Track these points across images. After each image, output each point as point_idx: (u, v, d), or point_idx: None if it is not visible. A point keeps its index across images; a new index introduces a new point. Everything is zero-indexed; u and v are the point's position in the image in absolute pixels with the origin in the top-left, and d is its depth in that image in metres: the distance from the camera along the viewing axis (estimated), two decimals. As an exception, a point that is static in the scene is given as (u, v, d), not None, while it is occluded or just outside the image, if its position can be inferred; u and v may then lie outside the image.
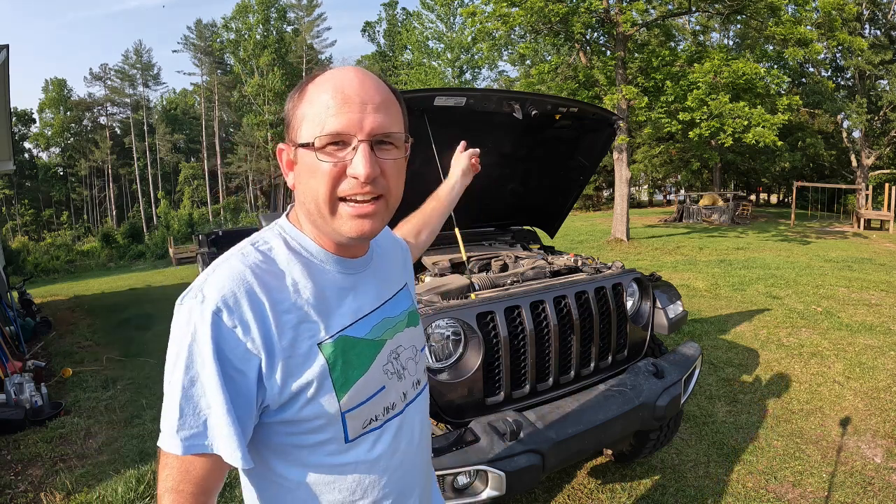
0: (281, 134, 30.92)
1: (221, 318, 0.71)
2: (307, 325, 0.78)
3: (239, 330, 0.72)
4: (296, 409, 0.77)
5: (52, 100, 47.62)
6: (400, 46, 39.27)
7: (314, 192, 0.77)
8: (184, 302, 0.74)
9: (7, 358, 4.94)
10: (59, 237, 37.95)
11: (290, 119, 0.80)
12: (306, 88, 0.79)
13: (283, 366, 0.75)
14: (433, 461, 1.69)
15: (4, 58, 7.08)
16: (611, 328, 2.37)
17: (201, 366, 0.71)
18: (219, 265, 0.77)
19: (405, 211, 3.05)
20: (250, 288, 0.74)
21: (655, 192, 39.47)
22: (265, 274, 0.77)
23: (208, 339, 0.71)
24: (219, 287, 0.73)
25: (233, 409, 0.72)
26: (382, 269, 0.95)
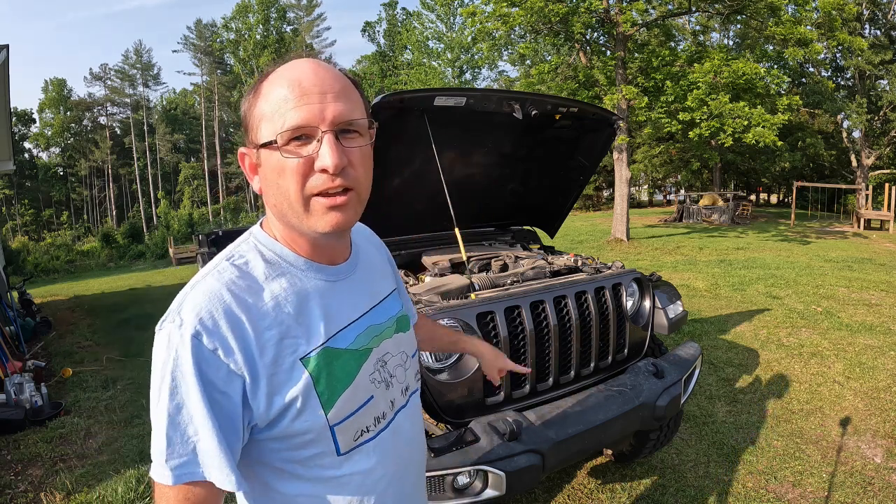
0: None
1: (201, 342, 0.69)
2: (289, 340, 0.75)
3: (220, 352, 0.70)
4: (284, 426, 0.75)
5: (52, 100, 47.62)
6: (400, 46, 39.25)
7: (285, 193, 0.74)
8: (163, 327, 0.72)
9: (7, 358, 4.94)
10: (59, 237, 37.96)
11: (248, 120, 0.77)
12: (261, 86, 0.76)
13: (268, 384, 0.73)
14: (433, 461, 1.69)
15: (4, 58, 7.08)
16: (610, 328, 2.37)
17: (185, 392, 0.69)
18: (195, 285, 0.75)
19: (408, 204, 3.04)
20: (228, 307, 0.72)
21: (655, 192, 39.46)
22: (243, 291, 0.74)
23: (190, 364, 0.68)
24: (196, 309, 0.71)
25: (221, 433, 0.70)
26: (367, 275, 0.92)
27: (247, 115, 0.77)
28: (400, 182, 2.83)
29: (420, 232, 3.24)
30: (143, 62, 48.87)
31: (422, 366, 1.90)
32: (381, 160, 2.57)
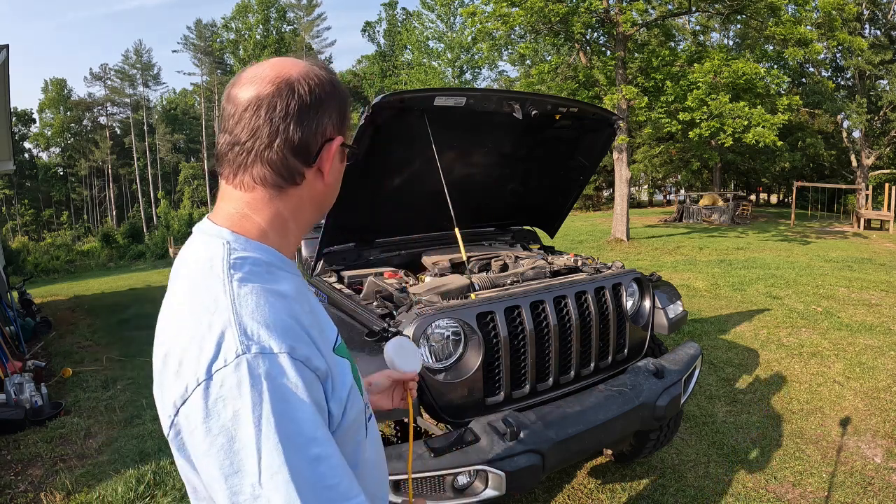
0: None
1: (296, 357, 0.61)
2: (322, 335, 0.72)
3: (309, 360, 0.63)
4: (347, 420, 0.71)
5: (52, 100, 47.63)
6: (400, 46, 39.25)
7: (334, 194, 0.79)
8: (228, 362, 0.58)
9: (7, 358, 4.94)
10: (59, 237, 37.96)
11: (346, 115, 0.76)
12: (344, 89, 0.78)
13: (333, 381, 0.68)
14: (433, 461, 1.69)
15: (4, 58, 7.09)
16: (610, 328, 2.37)
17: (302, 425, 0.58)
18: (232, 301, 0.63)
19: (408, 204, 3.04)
20: (285, 308, 0.65)
21: (655, 192, 39.46)
22: (276, 295, 0.67)
23: (301, 388, 0.59)
24: (265, 323, 0.61)
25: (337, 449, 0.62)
26: None
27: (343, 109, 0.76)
28: (400, 182, 2.83)
29: (420, 232, 3.24)
30: (143, 62, 48.89)
31: (422, 366, 1.90)
32: (382, 160, 2.57)
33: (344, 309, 2.34)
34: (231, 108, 0.71)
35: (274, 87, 0.69)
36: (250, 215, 0.73)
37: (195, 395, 0.58)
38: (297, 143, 0.71)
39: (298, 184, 0.73)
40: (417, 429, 2.25)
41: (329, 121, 0.73)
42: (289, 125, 0.70)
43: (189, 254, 0.73)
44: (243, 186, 0.72)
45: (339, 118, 0.74)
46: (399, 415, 1.88)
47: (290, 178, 0.72)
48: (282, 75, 0.71)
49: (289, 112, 0.69)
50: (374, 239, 3.06)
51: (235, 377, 0.57)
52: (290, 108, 0.69)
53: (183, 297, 0.68)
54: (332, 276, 2.75)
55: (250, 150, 0.70)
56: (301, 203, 0.75)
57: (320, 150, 0.73)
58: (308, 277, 2.94)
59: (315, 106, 0.71)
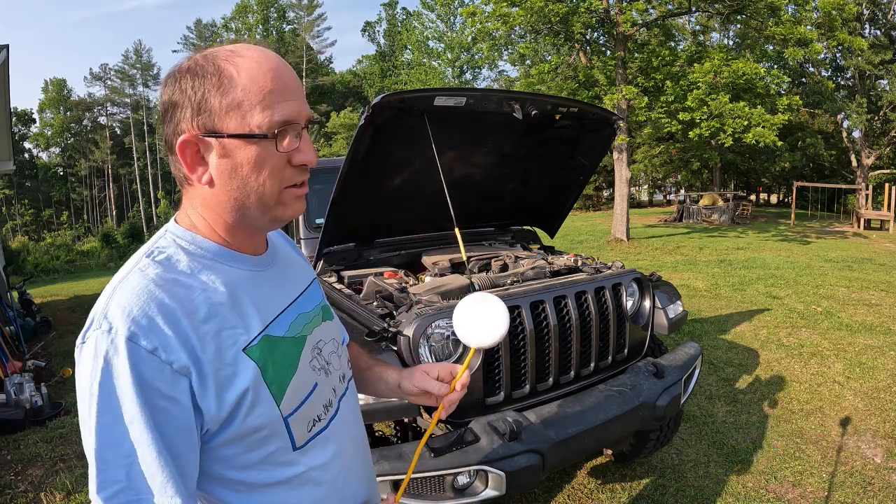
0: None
1: (138, 343, 0.63)
2: (228, 331, 0.71)
3: (160, 351, 0.64)
4: (237, 425, 0.70)
5: (52, 100, 47.63)
6: (400, 46, 39.25)
7: (259, 185, 0.72)
8: (86, 338, 0.65)
9: (7, 358, 4.94)
10: (59, 237, 37.92)
11: (204, 105, 0.69)
12: (229, 71, 0.69)
13: (215, 380, 0.68)
14: (433, 461, 1.69)
15: (4, 58, 7.09)
16: (611, 328, 2.37)
17: (121, 405, 0.62)
18: (116, 287, 0.68)
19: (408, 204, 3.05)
20: (161, 302, 0.66)
21: (655, 192, 39.46)
22: (172, 285, 0.69)
23: (127, 372, 0.62)
24: (125, 309, 0.64)
25: (165, 447, 0.63)
26: (285, 265, 0.90)
27: (202, 98, 0.69)
28: (400, 182, 2.83)
29: (420, 232, 3.24)
30: (142, 62, 48.88)
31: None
32: (382, 160, 2.57)
33: (344, 309, 2.34)
34: None
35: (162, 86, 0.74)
36: (186, 209, 0.78)
37: (76, 351, 0.67)
38: (168, 145, 0.73)
39: (191, 185, 0.75)
40: (417, 429, 2.25)
41: (181, 115, 0.70)
42: (166, 127, 0.73)
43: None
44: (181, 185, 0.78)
45: (192, 110, 0.69)
46: (399, 414, 1.88)
47: (181, 179, 0.76)
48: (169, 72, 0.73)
49: (163, 112, 0.73)
50: (374, 239, 3.06)
51: (90, 347, 0.64)
52: (164, 111, 0.73)
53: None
54: (332, 276, 2.75)
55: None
56: (206, 203, 0.75)
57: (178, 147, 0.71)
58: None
59: (171, 106, 0.71)
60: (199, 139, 0.71)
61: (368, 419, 1.86)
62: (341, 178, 2.39)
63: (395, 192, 2.86)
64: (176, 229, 0.77)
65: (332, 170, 3.38)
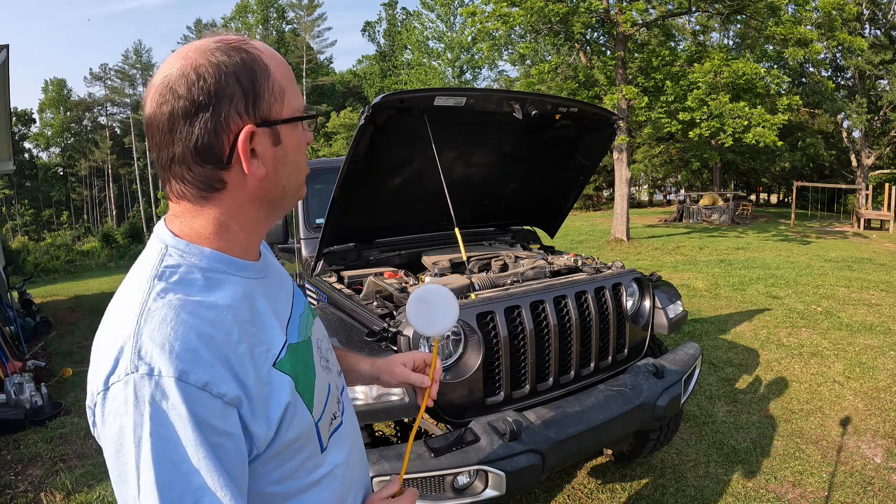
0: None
1: (188, 382, 0.57)
2: (259, 348, 0.67)
3: (211, 386, 0.59)
4: (279, 441, 0.68)
5: (52, 100, 47.63)
6: (400, 46, 39.25)
7: (299, 171, 0.72)
8: (113, 385, 0.58)
9: (7, 358, 4.94)
10: (59, 237, 37.88)
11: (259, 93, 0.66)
12: (262, 59, 0.67)
13: (260, 403, 0.64)
14: (433, 461, 1.69)
15: (4, 58, 7.09)
16: (611, 328, 2.37)
17: (180, 453, 0.56)
18: (138, 319, 0.60)
19: (408, 204, 3.05)
20: (199, 331, 0.61)
21: (655, 192, 39.46)
22: (199, 307, 0.63)
23: (184, 416, 0.56)
24: (165, 346, 0.58)
25: (231, 483, 0.59)
26: (275, 269, 0.86)
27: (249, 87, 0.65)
28: (400, 182, 2.83)
29: (420, 232, 3.24)
30: (142, 62, 48.87)
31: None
32: (382, 160, 2.57)
33: (344, 309, 2.34)
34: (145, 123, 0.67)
35: (159, 97, 0.64)
36: (188, 221, 0.70)
37: (97, 401, 0.59)
38: (198, 150, 0.65)
39: (221, 189, 0.68)
40: (418, 429, 2.25)
41: (232, 110, 0.64)
42: (182, 135, 0.64)
43: (141, 255, 0.71)
44: (173, 198, 0.70)
45: (246, 101, 0.65)
46: (399, 414, 1.88)
47: (208, 187, 0.67)
48: (165, 79, 0.64)
49: (175, 120, 0.64)
50: (374, 239, 3.06)
51: (124, 394, 0.57)
52: (176, 116, 0.64)
53: (115, 300, 0.66)
54: (332, 276, 2.75)
55: (163, 168, 0.68)
56: (237, 204, 0.69)
57: (233, 147, 0.65)
58: (308, 277, 2.94)
59: (203, 104, 0.63)
60: (256, 130, 0.66)
61: (369, 419, 1.86)
62: (341, 178, 2.39)
63: (395, 191, 2.86)
64: (177, 242, 0.69)
65: (332, 170, 3.38)
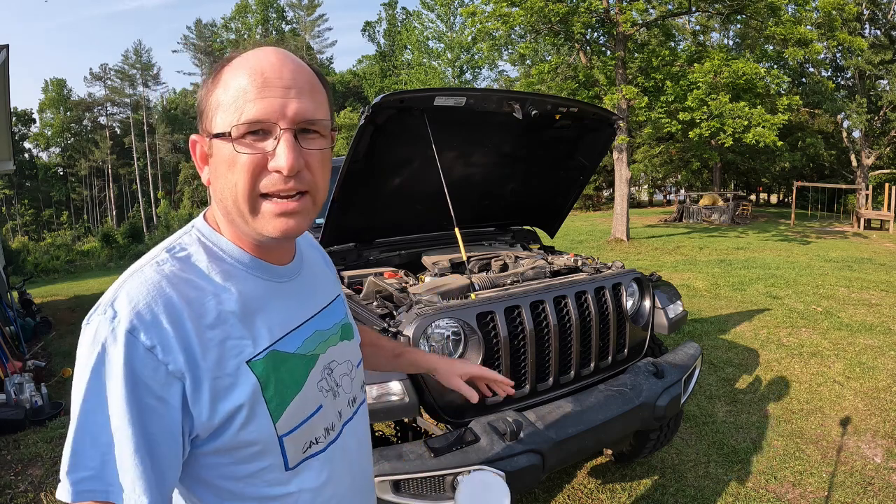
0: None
1: (137, 338, 0.62)
2: (233, 341, 0.69)
3: (158, 350, 0.63)
4: (229, 436, 0.69)
5: (52, 100, 47.62)
6: (400, 46, 39.25)
7: (232, 188, 0.69)
8: (90, 320, 0.65)
9: (7, 358, 4.94)
10: (59, 237, 37.84)
11: (204, 107, 0.72)
12: (221, 72, 0.71)
13: (211, 388, 0.66)
14: (433, 461, 1.69)
15: (4, 58, 7.09)
16: (611, 328, 2.37)
17: (108, 393, 0.61)
18: (130, 275, 0.68)
19: (408, 204, 3.05)
20: (169, 300, 0.65)
21: (655, 192, 39.46)
22: (185, 284, 0.68)
23: (120, 363, 0.61)
24: (132, 301, 0.64)
25: (145, 446, 0.62)
26: (311, 279, 0.87)
27: (203, 100, 0.72)
28: (400, 182, 2.83)
29: (420, 232, 3.24)
30: (142, 62, 48.87)
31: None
32: (382, 160, 2.57)
33: (344, 309, 2.34)
34: None
35: None
36: (214, 210, 0.78)
37: (82, 329, 0.66)
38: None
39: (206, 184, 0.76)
40: (417, 429, 2.25)
41: (200, 123, 0.74)
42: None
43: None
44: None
45: (199, 112, 0.74)
46: (399, 414, 1.88)
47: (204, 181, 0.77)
48: None
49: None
50: (374, 239, 3.06)
51: (90, 330, 0.64)
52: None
53: None
54: (332, 276, 2.74)
55: None
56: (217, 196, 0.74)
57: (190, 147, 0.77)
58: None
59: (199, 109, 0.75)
60: (200, 138, 0.74)
61: (369, 419, 1.86)
62: (341, 178, 2.39)
63: (395, 191, 2.86)
64: (203, 227, 0.76)
65: (332, 170, 3.37)
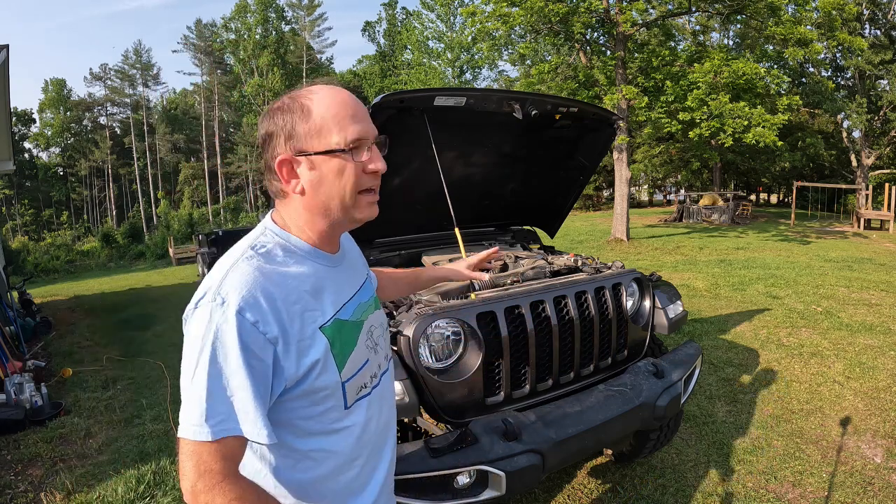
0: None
1: (244, 316, 0.84)
2: (309, 313, 0.93)
3: (259, 324, 0.85)
4: (308, 384, 0.92)
5: (51, 100, 47.58)
6: (400, 46, 39.24)
7: (341, 191, 0.94)
8: (200, 306, 0.86)
9: (7, 358, 4.94)
10: (59, 237, 37.87)
11: (291, 132, 0.93)
12: (308, 105, 0.93)
13: (296, 349, 0.90)
14: (433, 461, 1.69)
15: (4, 58, 7.08)
16: (611, 328, 2.37)
17: (225, 359, 0.83)
18: (229, 269, 0.89)
19: (408, 204, 3.04)
20: (264, 286, 0.87)
21: (655, 192, 39.46)
22: (272, 273, 0.90)
23: (234, 336, 0.83)
24: (237, 289, 0.85)
25: (257, 392, 0.85)
26: (352, 262, 1.14)
27: (293, 127, 0.93)
28: (400, 182, 2.83)
29: (420, 232, 3.24)
30: (142, 62, 48.82)
31: (421, 366, 1.90)
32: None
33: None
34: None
35: (260, 125, 0.97)
36: (280, 214, 1.01)
37: (189, 314, 0.88)
38: (269, 167, 0.96)
39: (285, 196, 0.97)
40: (417, 429, 2.25)
41: (277, 142, 0.94)
42: (264, 155, 0.96)
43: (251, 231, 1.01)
44: (271, 196, 1.02)
45: (286, 136, 0.93)
46: (399, 413, 1.88)
47: (279, 193, 0.98)
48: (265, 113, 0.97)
49: (262, 144, 0.96)
50: (374, 239, 3.06)
51: (202, 313, 0.85)
52: (262, 142, 0.96)
53: (223, 256, 0.95)
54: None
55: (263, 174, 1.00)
56: (296, 208, 0.98)
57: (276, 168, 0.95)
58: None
59: (269, 135, 0.95)
60: (292, 158, 0.94)
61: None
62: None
63: (395, 191, 2.86)
64: (273, 228, 0.99)
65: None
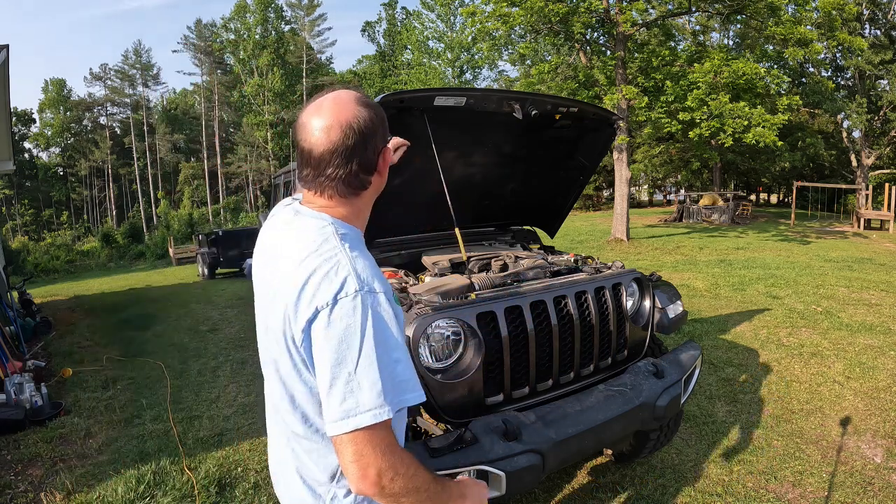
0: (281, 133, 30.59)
1: (385, 293, 0.96)
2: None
3: (391, 294, 0.99)
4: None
5: (51, 100, 47.60)
6: (400, 46, 39.26)
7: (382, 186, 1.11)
8: (342, 297, 0.92)
9: (7, 358, 4.94)
10: (59, 237, 37.88)
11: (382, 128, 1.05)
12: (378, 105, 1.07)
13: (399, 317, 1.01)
14: (433, 461, 1.69)
15: (4, 58, 7.08)
16: (611, 328, 2.37)
17: (386, 338, 0.92)
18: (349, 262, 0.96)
19: (409, 204, 3.03)
20: (375, 267, 1.00)
21: (655, 191, 39.47)
22: (370, 258, 1.02)
23: (391, 312, 0.95)
24: (367, 274, 0.96)
25: (409, 358, 0.96)
26: None
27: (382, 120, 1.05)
28: (400, 182, 2.82)
29: (420, 232, 3.24)
30: (142, 62, 48.83)
31: (421, 365, 1.90)
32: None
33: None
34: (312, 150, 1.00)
35: (341, 133, 0.99)
36: (335, 209, 1.06)
37: (323, 312, 0.91)
38: (363, 165, 1.03)
39: (364, 189, 1.07)
40: (417, 429, 2.25)
41: (379, 137, 1.04)
42: (356, 156, 1.01)
43: (297, 226, 1.04)
44: (324, 197, 1.05)
45: (384, 131, 1.05)
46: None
47: (361, 187, 1.06)
48: (342, 120, 0.99)
49: (355, 148, 1.00)
50: (374, 239, 3.06)
51: (352, 304, 0.91)
52: (356, 145, 1.00)
53: (307, 254, 0.97)
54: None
55: (332, 178, 1.02)
56: (366, 200, 1.10)
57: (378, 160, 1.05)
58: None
59: (368, 135, 1.01)
60: (387, 150, 1.07)
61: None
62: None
63: (395, 191, 2.85)
64: (334, 221, 1.05)
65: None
